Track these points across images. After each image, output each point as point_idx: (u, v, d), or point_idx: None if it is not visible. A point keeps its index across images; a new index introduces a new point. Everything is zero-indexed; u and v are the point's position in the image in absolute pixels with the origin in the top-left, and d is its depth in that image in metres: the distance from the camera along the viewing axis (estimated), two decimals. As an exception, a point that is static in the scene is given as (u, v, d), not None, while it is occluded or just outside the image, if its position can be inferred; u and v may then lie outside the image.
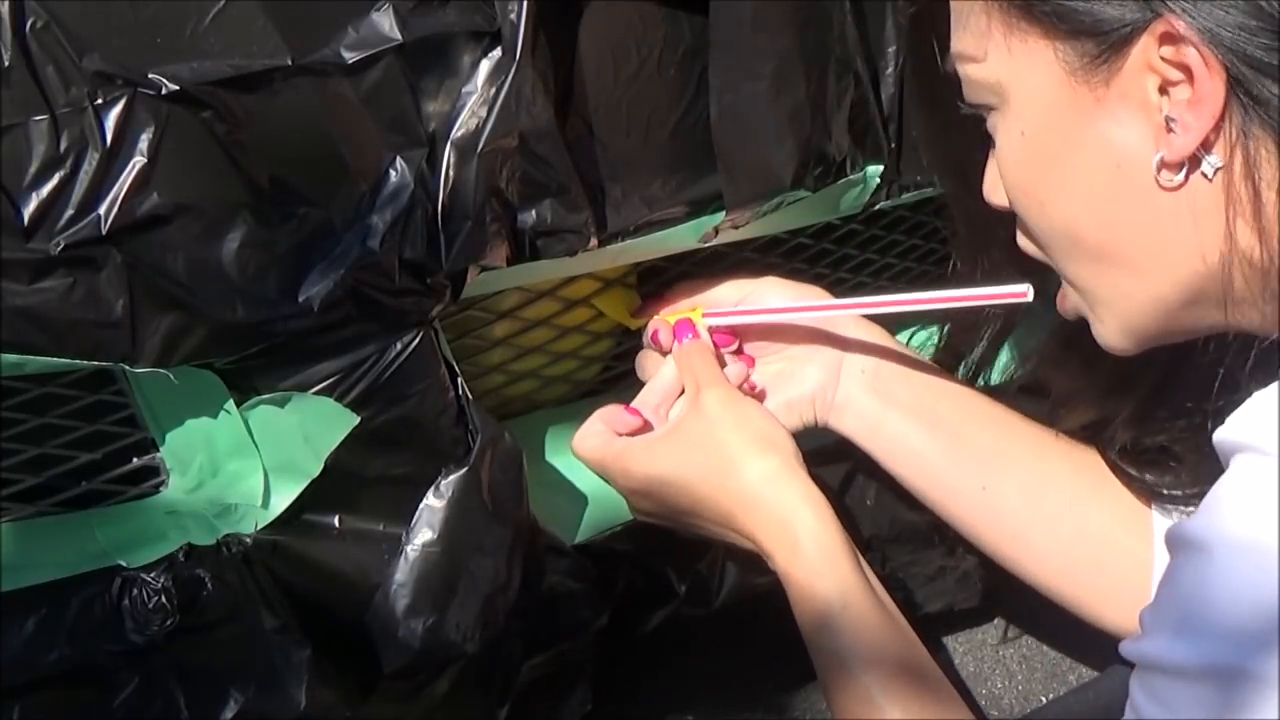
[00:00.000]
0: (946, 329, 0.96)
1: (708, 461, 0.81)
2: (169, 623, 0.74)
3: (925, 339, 0.97)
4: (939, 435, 0.89)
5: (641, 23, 0.77)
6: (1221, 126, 0.60)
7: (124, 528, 0.78)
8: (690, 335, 0.88)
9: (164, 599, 0.74)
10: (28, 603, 0.72)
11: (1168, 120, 0.62)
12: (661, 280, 0.95)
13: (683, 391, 0.87)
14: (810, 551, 0.78)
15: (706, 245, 0.87)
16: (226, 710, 0.76)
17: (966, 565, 1.06)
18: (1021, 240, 0.74)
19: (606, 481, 0.86)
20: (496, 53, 0.71)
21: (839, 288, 0.96)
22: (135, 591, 0.74)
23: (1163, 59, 0.61)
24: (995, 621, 1.18)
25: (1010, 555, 0.89)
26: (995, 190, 0.74)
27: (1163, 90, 0.62)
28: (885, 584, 0.80)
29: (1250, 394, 0.59)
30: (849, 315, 0.91)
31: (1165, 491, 0.83)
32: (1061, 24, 0.64)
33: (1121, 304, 0.69)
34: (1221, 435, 0.59)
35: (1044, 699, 1.13)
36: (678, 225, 0.83)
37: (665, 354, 0.90)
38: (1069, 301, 0.73)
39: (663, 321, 0.90)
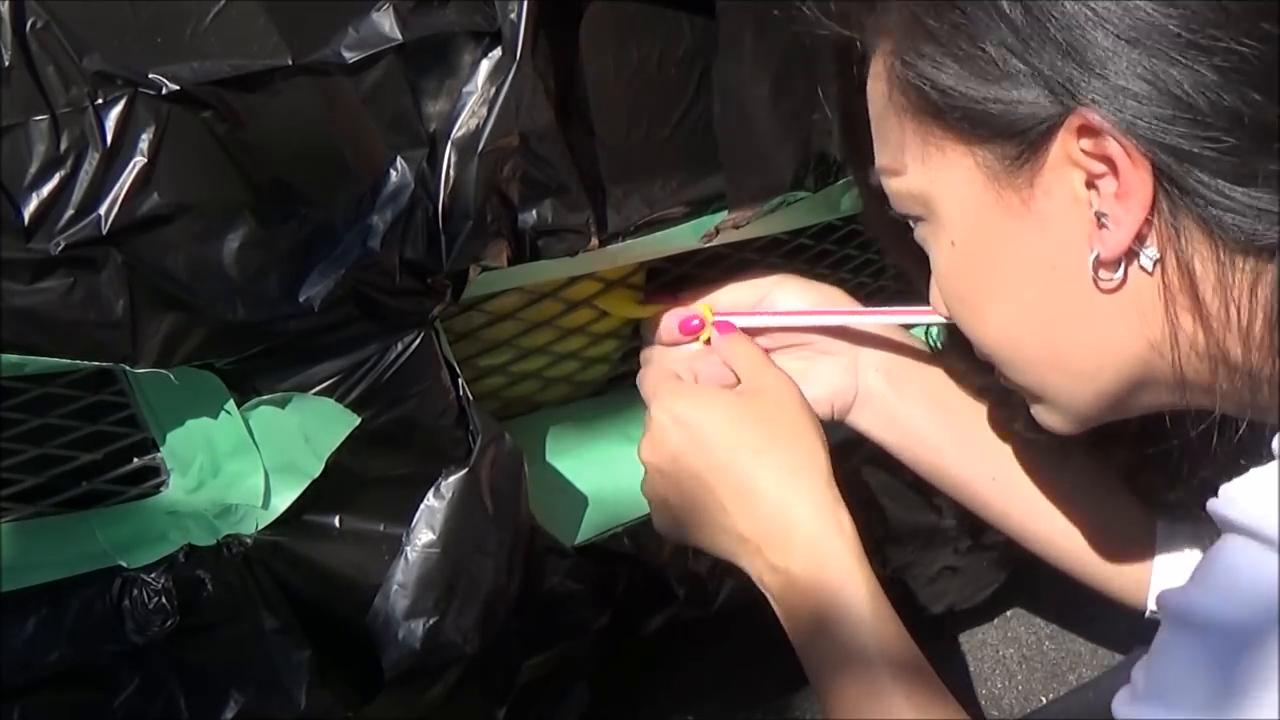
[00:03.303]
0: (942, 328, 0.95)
1: (752, 433, 0.78)
2: (169, 623, 0.74)
3: (937, 333, 0.97)
4: (951, 428, 0.89)
5: (642, 23, 0.77)
6: (1153, 218, 0.59)
7: (124, 528, 0.78)
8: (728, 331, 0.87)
9: (164, 599, 0.74)
10: (28, 603, 0.72)
11: (1098, 216, 0.60)
12: (667, 279, 0.95)
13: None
14: (803, 548, 0.77)
15: (708, 245, 0.87)
16: (227, 711, 0.76)
17: (968, 566, 1.06)
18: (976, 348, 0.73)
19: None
20: (496, 53, 0.71)
21: (842, 289, 0.96)
22: (135, 592, 0.74)
23: (1084, 152, 0.59)
24: (995, 621, 1.18)
25: (1021, 533, 0.90)
26: (940, 304, 0.72)
27: (1090, 185, 0.60)
28: (884, 585, 0.79)
29: (1222, 462, 0.59)
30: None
31: (1162, 495, 0.84)
32: (976, 129, 0.62)
33: (1064, 400, 0.68)
34: (1217, 508, 0.58)
35: (1044, 699, 1.13)
36: (678, 225, 0.83)
37: (670, 343, 0.89)
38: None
39: (676, 314, 0.89)
